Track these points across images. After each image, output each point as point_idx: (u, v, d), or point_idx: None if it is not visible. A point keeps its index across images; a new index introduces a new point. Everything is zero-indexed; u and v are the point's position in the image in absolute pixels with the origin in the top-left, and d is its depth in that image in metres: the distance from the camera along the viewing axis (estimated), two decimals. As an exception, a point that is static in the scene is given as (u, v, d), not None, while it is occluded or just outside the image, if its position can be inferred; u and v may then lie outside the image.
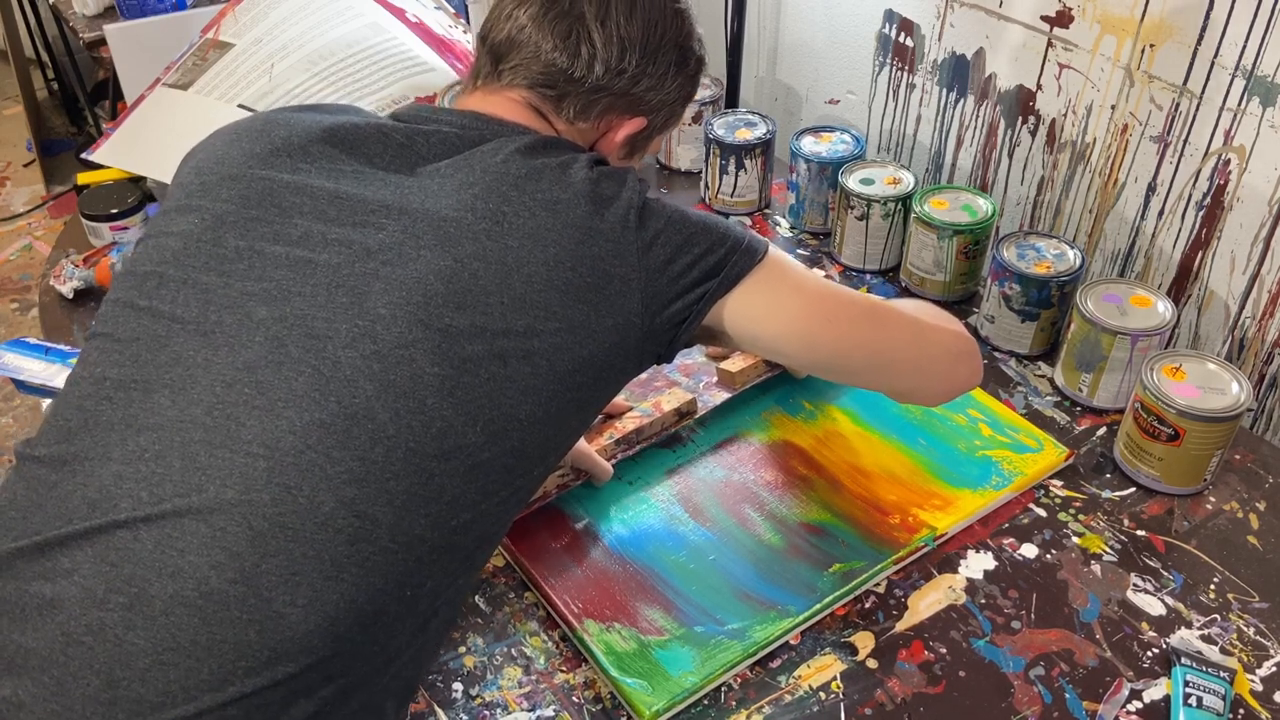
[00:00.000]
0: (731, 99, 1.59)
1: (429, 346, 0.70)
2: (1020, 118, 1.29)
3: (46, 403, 2.41)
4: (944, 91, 1.38)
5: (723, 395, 1.09)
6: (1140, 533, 0.98)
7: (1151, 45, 1.12)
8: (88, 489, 0.67)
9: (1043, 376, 1.16)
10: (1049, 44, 1.22)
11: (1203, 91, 1.09)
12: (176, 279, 0.74)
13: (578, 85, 0.85)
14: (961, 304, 1.26)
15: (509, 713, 0.83)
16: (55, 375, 1.08)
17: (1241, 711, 0.83)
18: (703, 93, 1.47)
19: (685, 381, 1.11)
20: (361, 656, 0.67)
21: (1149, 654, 0.87)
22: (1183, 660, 0.85)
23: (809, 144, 1.37)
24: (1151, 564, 0.95)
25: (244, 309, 0.72)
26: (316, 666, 0.65)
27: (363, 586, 0.66)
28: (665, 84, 0.89)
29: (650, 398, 1.06)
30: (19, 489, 0.70)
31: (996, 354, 1.19)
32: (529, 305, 0.73)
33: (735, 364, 1.09)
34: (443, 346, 0.71)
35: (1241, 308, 1.14)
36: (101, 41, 1.64)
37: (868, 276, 1.31)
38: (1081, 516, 1.00)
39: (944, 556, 0.96)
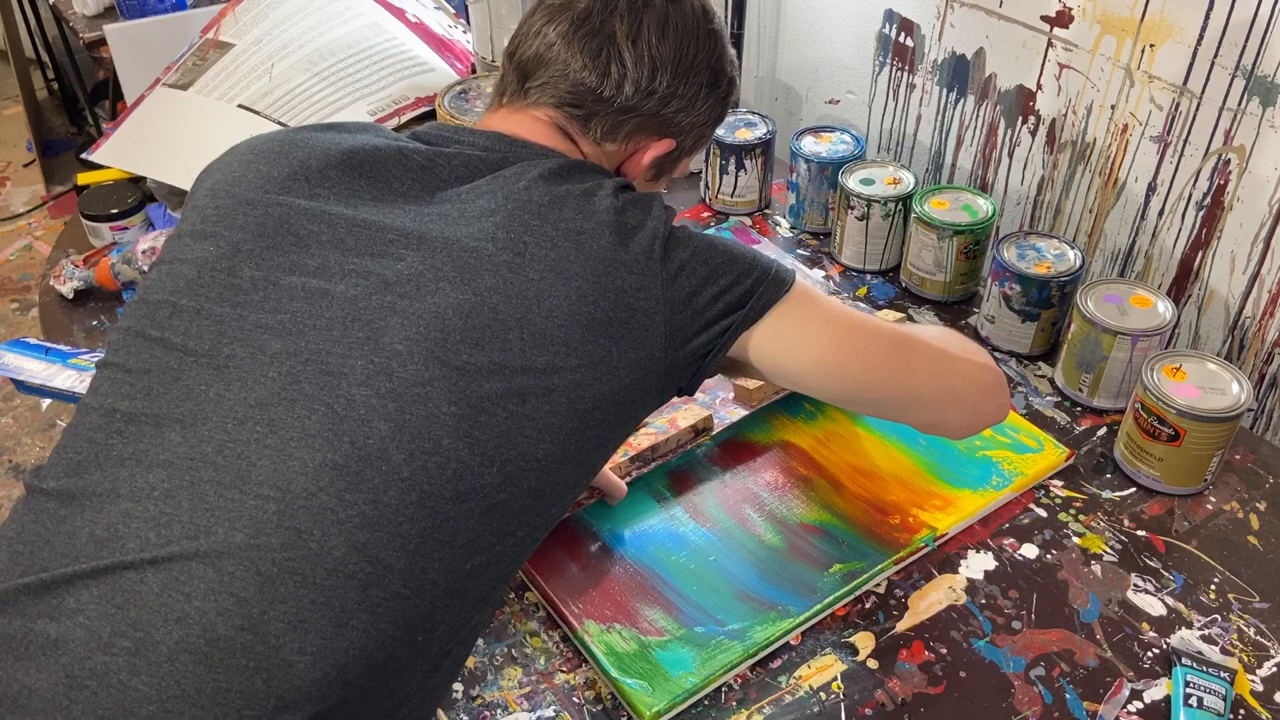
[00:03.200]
0: (731, 99, 1.59)
1: (446, 385, 0.69)
2: (1020, 118, 1.29)
3: (46, 403, 2.40)
4: (944, 91, 1.38)
5: (739, 412, 1.08)
6: (1140, 533, 0.98)
7: (1151, 45, 1.12)
8: (96, 526, 0.66)
9: (1043, 376, 1.16)
10: (1049, 44, 1.22)
11: (1203, 91, 1.09)
12: (190, 309, 0.72)
13: (606, 105, 0.84)
14: (961, 304, 1.26)
15: (509, 713, 0.83)
16: (55, 375, 1.08)
17: (1242, 712, 0.83)
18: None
19: (701, 398, 1.10)
20: (370, 703, 0.66)
21: (1149, 654, 0.87)
22: (1183, 660, 0.85)
23: (809, 144, 1.37)
24: (1152, 564, 0.95)
25: (257, 342, 0.70)
26: (324, 715, 0.63)
27: (373, 633, 0.65)
28: (695, 106, 0.87)
29: (666, 414, 1.05)
30: (27, 521, 0.68)
31: (997, 354, 1.19)
32: (549, 341, 0.71)
33: (752, 381, 1.08)
34: (460, 385, 0.69)
35: (1241, 308, 1.14)
36: (101, 41, 1.64)
37: (868, 277, 1.31)
38: (1082, 517, 1.00)
39: (944, 557, 0.96)
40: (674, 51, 0.84)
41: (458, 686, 0.85)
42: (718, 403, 1.09)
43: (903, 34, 1.40)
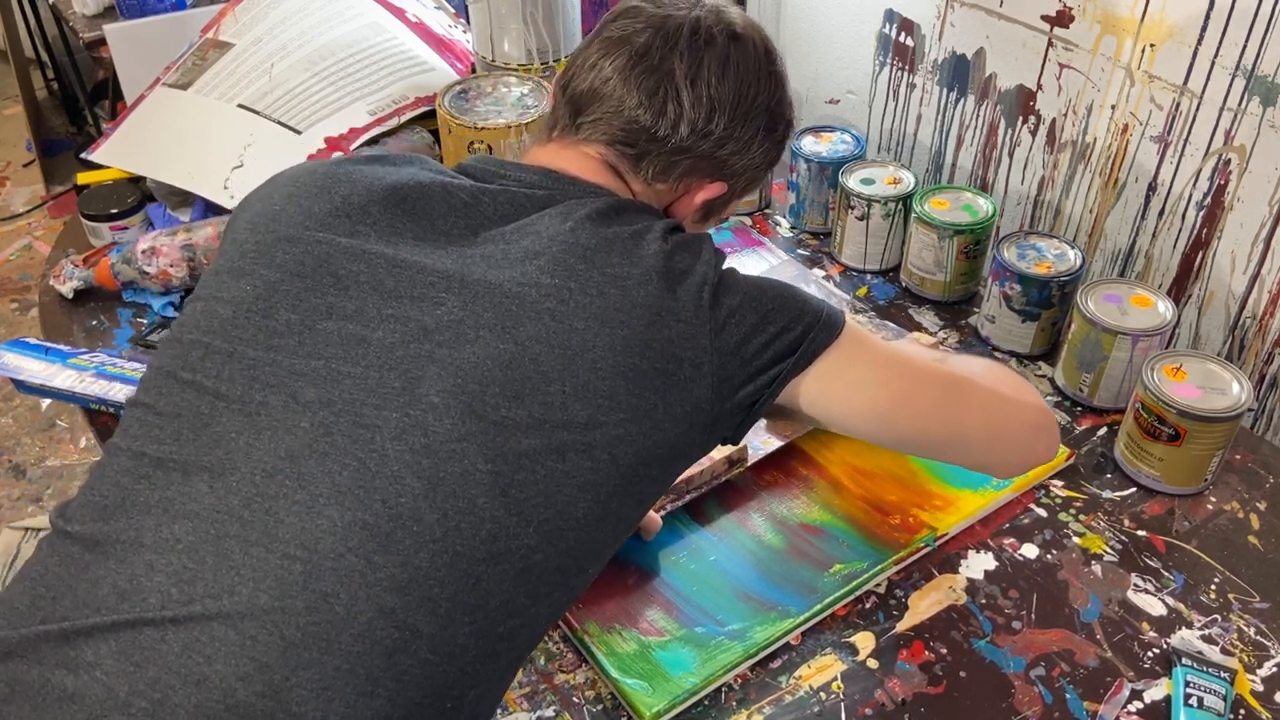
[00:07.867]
0: (731, 99, 1.59)
1: (483, 441, 0.66)
2: (1020, 117, 1.29)
3: (46, 403, 2.40)
4: (944, 91, 1.38)
5: (774, 440, 1.05)
6: (1141, 533, 0.98)
7: (1151, 45, 1.12)
8: (118, 577, 0.64)
9: (1043, 376, 1.16)
10: (1049, 44, 1.22)
11: (1203, 91, 1.09)
12: (223, 351, 0.71)
13: (660, 145, 0.81)
14: (962, 304, 1.26)
15: (509, 713, 0.83)
16: (55, 375, 1.08)
17: (1242, 712, 0.83)
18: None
19: None
20: None
21: (1150, 654, 0.87)
22: (1183, 660, 0.85)
23: (809, 144, 1.37)
24: (1152, 564, 0.95)
25: (291, 389, 0.68)
26: None
27: (399, 702, 0.63)
28: (751, 149, 0.85)
29: None
30: (51, 564, 0.67)
31: (997, 354, 1.19)
32: (592, 394, 0.69)
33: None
34: (497, 441, 0.67)
35: (1242, 307, 1.14)
36: (101, 41, 1.64)
37: (868, 276, 1.31)
38: (1082, 517, 1.00)
39: (944, 557, 0.96)
40: (733, 93, 0.82)
41: (458, 686, 0.85)
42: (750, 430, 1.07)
43: (903, 34, 1.40)
